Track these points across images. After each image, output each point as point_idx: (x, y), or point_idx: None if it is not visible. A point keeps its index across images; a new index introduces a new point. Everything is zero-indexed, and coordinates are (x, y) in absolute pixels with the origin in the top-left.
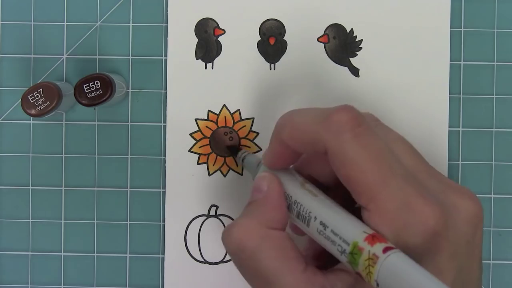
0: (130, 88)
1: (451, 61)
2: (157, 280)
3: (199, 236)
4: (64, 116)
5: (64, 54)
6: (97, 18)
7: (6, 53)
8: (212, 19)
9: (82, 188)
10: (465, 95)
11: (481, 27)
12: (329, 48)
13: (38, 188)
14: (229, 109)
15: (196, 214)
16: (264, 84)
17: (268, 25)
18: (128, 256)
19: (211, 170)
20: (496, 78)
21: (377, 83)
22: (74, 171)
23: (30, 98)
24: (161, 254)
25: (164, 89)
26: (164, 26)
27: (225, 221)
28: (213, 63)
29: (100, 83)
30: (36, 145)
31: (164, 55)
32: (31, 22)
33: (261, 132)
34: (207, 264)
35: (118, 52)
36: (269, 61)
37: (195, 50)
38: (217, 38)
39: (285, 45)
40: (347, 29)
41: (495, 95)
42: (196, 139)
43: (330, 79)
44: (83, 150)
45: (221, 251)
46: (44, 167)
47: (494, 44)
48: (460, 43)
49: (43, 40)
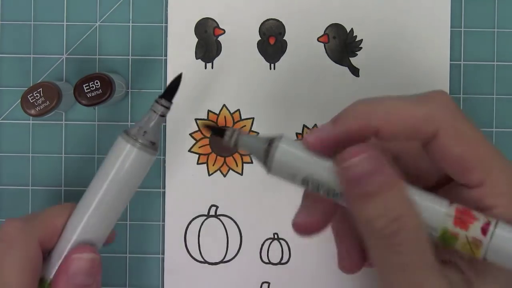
0: (130, 88)
1: (451, 61)
2: (157, 280)
3: (199, 236)
4: (64, 116)
5: (64, 54)
6: (97, 18)
7: (6, 53)
8: (212, 19)
9: (82, 188)
10: (465, 95)
11: (481, 27)
12: (329, 48)
13: (38, 188)
14: (229, 109)
15: (196, 214)
16: (264, 84)
17: (268, 25)
18: (128, 256)
19: (211, 170)
20: (496, 78)
21: (377, 83)
22: (74, 171)
23: (30, 98)
24: (161, 254)
25: (164, 89)
26: (164, 26)
27: (225, 221)
28: (213, 63)
29: (100, 83)
30: (36, 145)
31: (164, 55)
32: (31, 22)
33: (261, 132)
34: (207, 264)
35: (118, 52)
36: (269, 61)
37: (195, 50)
38: (217, 38)
39: (285, 45)
40: (347, 29)
41: (495, 95)
42: (196, 139)
43: (330, 79)
44: (83, 150)
45: (221, 251)
46: (44, 167)
47: (494, 44)
48: (460, 43)
49: (43, 40)
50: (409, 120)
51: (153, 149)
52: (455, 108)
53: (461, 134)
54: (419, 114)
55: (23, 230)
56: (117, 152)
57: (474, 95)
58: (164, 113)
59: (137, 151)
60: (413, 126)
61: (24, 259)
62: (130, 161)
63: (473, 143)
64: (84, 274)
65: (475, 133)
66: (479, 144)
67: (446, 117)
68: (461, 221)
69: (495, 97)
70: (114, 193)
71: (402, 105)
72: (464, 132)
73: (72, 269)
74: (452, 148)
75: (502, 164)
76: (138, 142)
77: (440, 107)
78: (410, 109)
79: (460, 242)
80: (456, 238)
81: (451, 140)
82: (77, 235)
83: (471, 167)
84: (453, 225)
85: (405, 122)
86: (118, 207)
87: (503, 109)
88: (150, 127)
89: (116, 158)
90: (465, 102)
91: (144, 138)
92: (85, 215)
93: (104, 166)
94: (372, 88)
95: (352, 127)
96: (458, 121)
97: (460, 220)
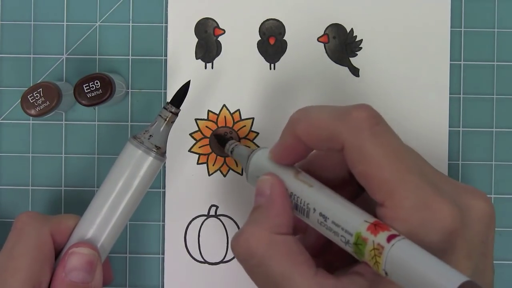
0: (130, 88)
1: (451, 61)
2: (157, 280)
3: (199, 236)
4: (64, 116)
5: (64, 54)
6: (97, 18)
7: (6, 53)
8: (212, 19)
9: (82, 188)
10: (465, 95)
11: (481, 27)
12: (329, 48)
13: (38, 188)
14: (229, 109)
15: (196, 214)
16: (264, 84)
17: (268, 25)
18: (128, 256)
19: (211, 170)
20: (496, 78)
21: (377, 83)
22: (74, 171)
23: (30, 98)
24: (161, 254)
25: (164, 89)
26: (164, 26)
27: (225, 221)
28: (213, 63)
29: (100, 83)
30: (36, 145)
31: (164, 55)
32: (31, 22)
33: (261, 132)
34: (207, 264)
35: (118, 52)
36: (269, 61)
37: (195, 50)
38: (217, 38)
39: (285, 45)
40: (347, 29)
41: (495, 95)
42: (196, 139)
43: (330, 79)
44: (83, 150)
45: (221, 251)
46: (44, 167)
47: (494, 44)
48: (460, 43)
49: (43, 40)
50: (322, 133)
51: (162, 155)
52: (364, 125)
53: (363, 154)
54: (329, 129)
55: (37, 220)
56: (128, 158)
57: (474, 95)
58: (173, 119)
59: (146, 157)
60: (326, 139)
61: (35, 247)
62: (141, 167)
63: (373, 165)
64: (80, 270)
65: (380, 154)
66: (385, 164)
67: (350, 135)
68: (374, 228)
69: (495, 97)
70: (124, 199)
71: (320, 117)
72: (365, 152)
73: (69, 264)
74: (354, 166)
75: (407, 189)
76: (149, 150)
77: (347, 124)
78: (324, 121)
79: (367, 249)
80: (365, 244)
81: (353, 159)
82: (83, 236)
83: (372, 187)
84: (366, 230)
85: (319, 134)
86: (127, 212)
87: (503, 109)
88: (159, 133)
89: (127, 164)
90: (465, 102)
91: (152, 144)
92: (94, 219)
93: (114, 171)
94: (372, 88)
95: (287, 140)
96: (361, 140)
97: (373, 226)
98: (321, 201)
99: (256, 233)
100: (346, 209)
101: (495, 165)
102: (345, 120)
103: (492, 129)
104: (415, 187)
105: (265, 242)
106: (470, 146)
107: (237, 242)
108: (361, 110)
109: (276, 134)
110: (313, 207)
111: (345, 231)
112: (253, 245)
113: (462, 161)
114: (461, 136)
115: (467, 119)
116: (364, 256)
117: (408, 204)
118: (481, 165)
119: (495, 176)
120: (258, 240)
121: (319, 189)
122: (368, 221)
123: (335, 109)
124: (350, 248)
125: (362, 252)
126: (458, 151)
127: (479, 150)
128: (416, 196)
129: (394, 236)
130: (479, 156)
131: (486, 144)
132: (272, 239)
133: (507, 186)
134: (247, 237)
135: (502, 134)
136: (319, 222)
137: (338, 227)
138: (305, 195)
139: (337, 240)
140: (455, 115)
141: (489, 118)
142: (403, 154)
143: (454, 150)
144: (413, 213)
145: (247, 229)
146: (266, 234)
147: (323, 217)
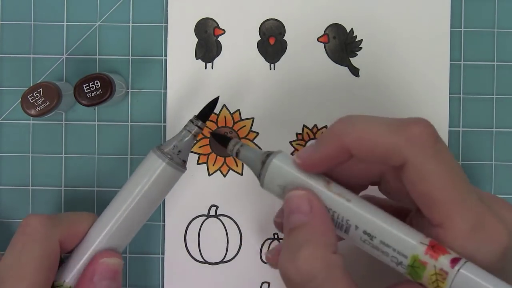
0: (130, 88)
1: (451, 61)
2: (157, 280)
3: (199, 236)
4: (64, 116)
5: (64, 54)
6: (97, 18)
7: (6, 53)
8: (212, 19)
9: (82, 188)
10: (465, 95)
11: (481, 27)
12: (329, 48)
13: (38, 188)
14: (229, 109)
15: (196, 214)
16: (264, 84)
17: (268, 25)
18: (128, 256)
19: (211, 170)
20: (496, 78)
21: (377, 83)
22: (74, 171)
23: (30, 98)
24: (161, 254)
25: (164, 89)
26: (164, 26)
27: (225, 221)
28: (213, 63)
29: (100, 83)
30: (36, 145)
31: (164, 55)
32: (31, 22)
33: (261, 132)
34: (207, 264)
35: (118, 52)
36: (269, 61)
37: (195, 50)
38: (217, 38)
39: (285, 45)
40: (347, 29)
41: (495, 95)
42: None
43: (330, 79)
44: (83, 150)
45: (221, 251)
46: (44, 167)
47: (494, 44)
48: (460, 43)
49: (43, 40)
50: (379, 147)
51: (184, 167)
52: (427, 142)
53: (425, 173)
54: (387, 143)
55: (46, 227)
56: (152, 169)
57: (474, 95)
58: (197, 133)
59: (171, 170)
60: (382, 154)
61: (43, 256)
62: (164, 179)
63: (436, 184)
64: (109, 279)
65: (442, 173)
66: (445, 185)
67: (414, 152)
68: (433, 251)
69: (495, 97)
70: (149, 212)
71: (374, 130)
72: (429, 171)
73: (98, 273)
74: (415, 184)
75: (466, 210)
76: (173, 161)
77: (410, 140)
78: (381, 135)
79: (427, 273)
80: (424, 268)
81: (415, 177)
82: (101, 242)
83: (432, 207)
84: (424, 254)
85: (375, 148)
86: (143, 219)
87: (503, 109)
88: (184, 146)
89: (150, 175)
90: (465, 102)
91: (178, 157)
92: (111, 225)
93: (137, 180)
94: (372, 88)
95: (329, 150)
96: (425, 158)
97: (431, 249)
98: (365, 218)
99: (317, 255)
100: (396, 228)
101: (495, 165)
102: (405, 135)
103: (492, 129)
104: (473, 207)
105: (327, 264)
106: (470, 146)
107: (296, 265)
108: (421, 125)
109: (276, 134)
110: (355, 224)
111: (397, 252)
112: (316, 268)
113: (462, 161)
114: (461, 136)
115: (467, 119)
116: (422, 279)
117: (467, 225)
118: (480, 165)
119: (495, 176)
120: (320, 262)
121: (359, 204)
122: (424, 242)
123: (389, 122)
124: (403, 269)
125: (419, 275)
126: (458, 151)
127: (479, 150)
128: (474, 216)
129: (457, 260)
130: (479, 156)
131: (486, 144)
132: (331, 261)
133: (507, 186)
134: (307, 259)
135: (502, 134)
136: (363, 239)
137: (388, 247)
138: (343, 210)
139: (387, 260)
140: (455, 115)
141: (489, 118)
142: (460, 172)
143: (454, 150)
144: (472, 234)
145: (304, 251)
146: (327, 254)
147: (368, 235)
